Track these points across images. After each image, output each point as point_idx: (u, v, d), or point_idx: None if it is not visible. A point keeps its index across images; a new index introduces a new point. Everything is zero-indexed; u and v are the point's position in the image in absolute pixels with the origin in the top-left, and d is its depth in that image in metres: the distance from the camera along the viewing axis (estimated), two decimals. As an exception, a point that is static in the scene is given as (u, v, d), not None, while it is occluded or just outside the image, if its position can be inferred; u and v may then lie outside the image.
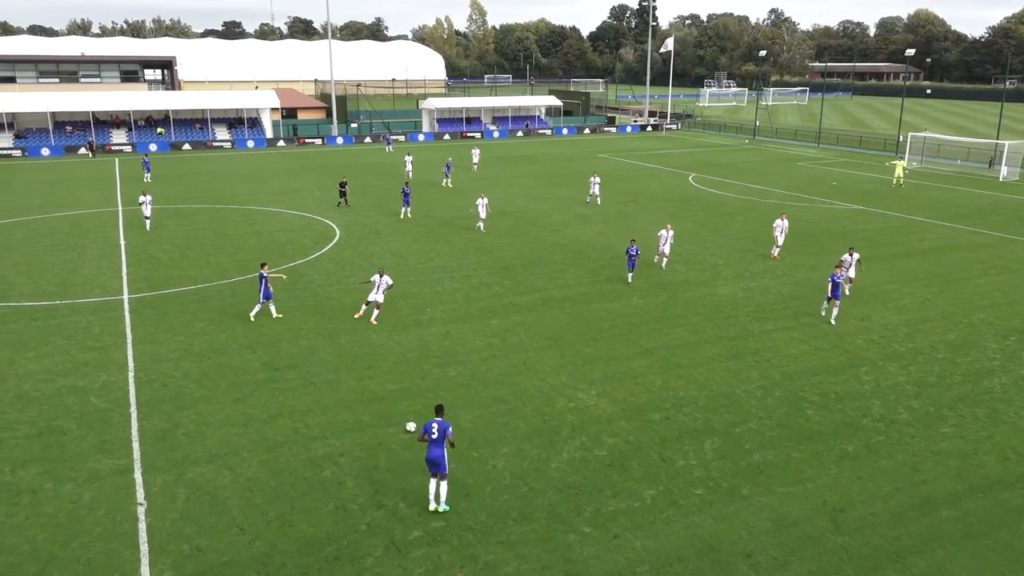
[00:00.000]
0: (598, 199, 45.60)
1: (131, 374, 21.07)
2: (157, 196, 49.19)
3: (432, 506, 14.67)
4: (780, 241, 33.45)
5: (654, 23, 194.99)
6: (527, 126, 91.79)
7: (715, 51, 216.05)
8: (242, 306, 26.73)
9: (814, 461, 16.56)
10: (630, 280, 29.24)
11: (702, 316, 25.84)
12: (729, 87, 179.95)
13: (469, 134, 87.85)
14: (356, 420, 18.46)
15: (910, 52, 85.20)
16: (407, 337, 23.89)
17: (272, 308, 25.42)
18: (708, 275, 30.73)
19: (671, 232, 31.57)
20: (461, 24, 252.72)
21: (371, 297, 25.13)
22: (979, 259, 33.27)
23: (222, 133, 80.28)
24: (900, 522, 14.41)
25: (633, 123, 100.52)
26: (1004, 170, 56.95)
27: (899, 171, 54.06)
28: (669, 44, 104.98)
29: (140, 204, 39.09)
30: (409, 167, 55.85)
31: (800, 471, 16.19)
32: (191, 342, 23.42)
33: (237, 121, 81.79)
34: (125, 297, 27.94)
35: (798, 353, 22.65)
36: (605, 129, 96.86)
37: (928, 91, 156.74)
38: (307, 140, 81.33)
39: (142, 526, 14.28)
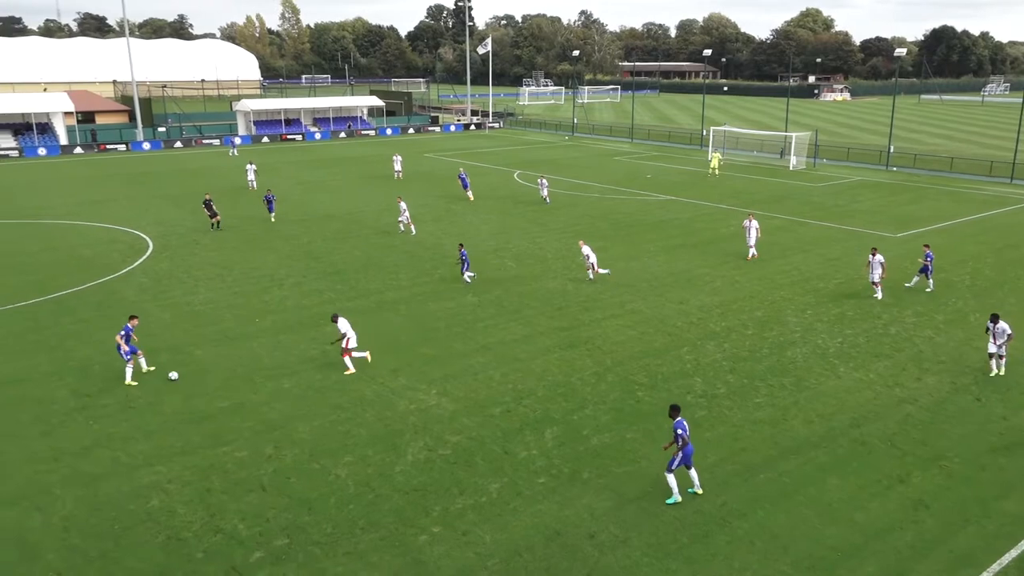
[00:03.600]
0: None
1: (-89, 415, 18.58)
2: (-69, 213, 43.69)
3: (700, 491, 15.21)
4: (752, 242, 32.90)
5: (471, 23, 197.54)
6: (350, 127, 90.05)
7: (531, 51, 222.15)
8: (43, 332, 24.32)
9: (647, 440, 17.48)
10: (468, 280, 29.39)
11: (535, 309, 26.53)
12: (547, 86, 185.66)
13: (289, 136, 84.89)
14: (184, 443, 17.34)
15: (707, 52, 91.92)
16: (236, 351, 22.74)
17: (128, 371, 20.49)
18: (538, 270, 31.59)
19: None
20: (273, 23, 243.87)
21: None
22: (777, 241, 36.47)
23: (6, 140, 72.46)
24: (725, 489, 15.55)
25: (457, 122, 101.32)
26: (793, 159, 62.80)
27: (715, 163, 58.57)
28: (487, 44, 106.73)
29: None
30: (252, 176, 50.97)
31: (635, 450, 17.04)
32: (-16, 374, 20.99)
33: (24, 127, 74.10)
34: (-103, 328, 24.59)
35: (625, 339, 23.81)
36: (429, 129, 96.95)
37: (725, 88, 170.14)
38: (109, 146, 75.09)
39: (-64, 585, 12.67)
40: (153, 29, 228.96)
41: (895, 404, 19.36)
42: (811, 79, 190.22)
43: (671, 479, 14.89)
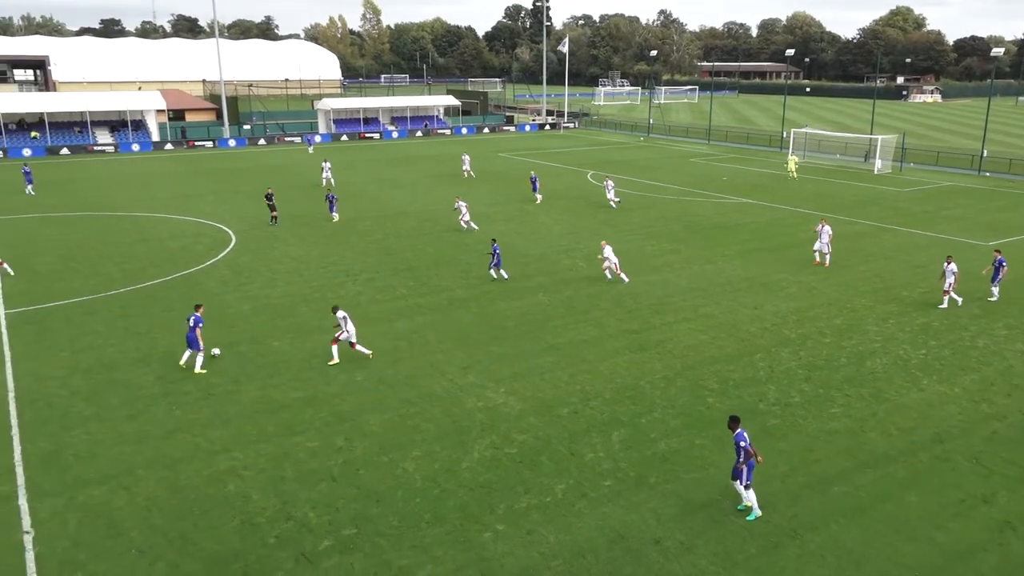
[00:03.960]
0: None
1: (11, 394, 19.74)
2: (33, 204, 46.31)
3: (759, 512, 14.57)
4: (820, 247, 32.01)
5: (548, 23, 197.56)
6: (426, 126, 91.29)
7: (608, 51, 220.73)
8: (133, 319, 25.49)
9: (716, 447, 17.17)
10: (496, 277, 29.74)
11: (605, 311, 26.38)
12: (623, 86, 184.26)
13: (367, 135, 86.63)
14: (260, 431, 17.91)
15: (790, 52, 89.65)
16: (310, 343, 23.35)
17: (199, 360, 21.19)
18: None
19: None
20: (355, 23, 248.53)
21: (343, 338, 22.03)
22: (859, 247, 35.29)
23: (104, 137, 76.19)
24: (796, 500, 15.14)
25: (531, 122, 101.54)
26: (878, 163, 60.64)
27: (792, 165, 57.24)
28: (564, 44, 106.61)
29: None
30: (328, 174, 52.05)
31: (703, 457, 16.76)
32: (77, 358, 22.14)
33: (120, 124, 77.77)
34: (1, 313, 26.15)
35: (697, 343, 23.44)
36: (504, 128, 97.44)
37: (808, 89, 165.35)
38: (197, 143, 78.17)
39: (30, 556, 13.42)
40: (241, 30, 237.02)
41: (982, 420, 18.50)
42: (900, 80, 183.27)
43: (750, 495, 14.44)
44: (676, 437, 17.62)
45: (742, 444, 14.32)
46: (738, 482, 14.54)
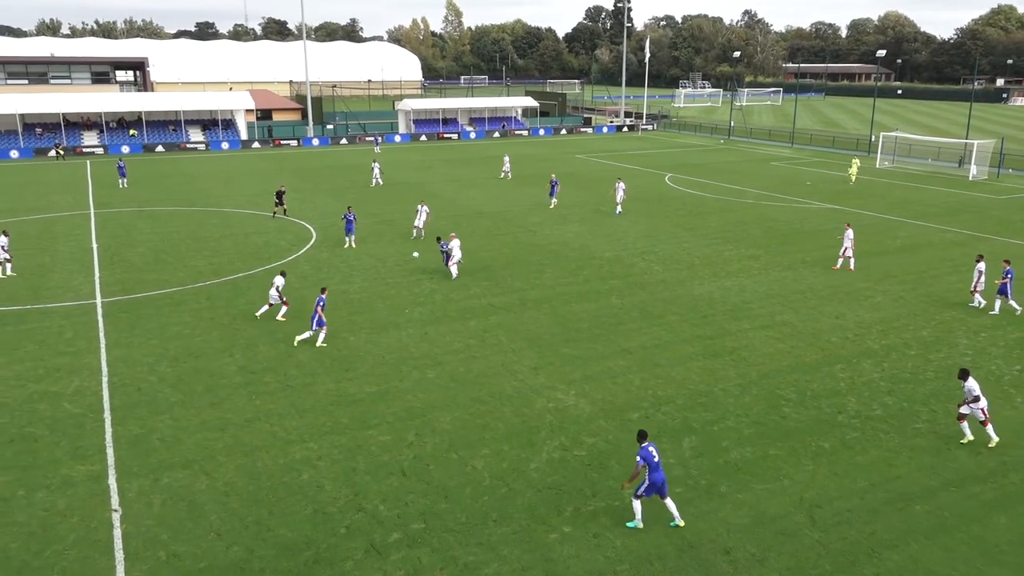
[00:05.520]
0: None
1: (105, 379, 20.78)
2: (129, 198, 48.65)
3: (681, 523, 14.24)
4: (850, 252, 31.46)
5: (629, 24, 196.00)
6: (504, 127, 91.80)
7: (690, 52, 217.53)
8: (218, 311, 26.48)
9: (791, 458, 16.71)
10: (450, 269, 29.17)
11: (679, 316, 25.99)
12: (704, 88, 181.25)
13: (445, 135, 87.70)
14: (334, 423, 18.35)
15: (881, 53, 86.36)
16: (385, 339, 23.80)
17: (321, 335, 23.23)
18: (685, 275, 30.92)
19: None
20: (437, 25, 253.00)
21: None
22: (950, 257, 33.77)
23: (196, 135, 79.45)
24: (876, 517, 14.59)
25: (609, 124, 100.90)
26: (973, 169, 57.88)
27: (853, 169, 54.87)
28: (645, 45, 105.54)
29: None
30: (377, 173, 53.55)
31: (777, 468, 16.33)
32: (166, 346, 23.15)
33: (211, 123, 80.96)
34: (98, 301, 27.56)
35: (774, 351, 22.85)
36: (581, 130, 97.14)
37: (899, 91, 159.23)
38: (282, 142, 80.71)
39: (117, 533, 14.09)
40: (327, 32, 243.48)
41: (1081, 442, 17.43)
42: (999, 82, 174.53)
43: (636, 504, 14.18)
44: (749, 446, 17.22)
45: (639, 461, 13.88)
46: (636, 500, 14.17)
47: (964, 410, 17.38)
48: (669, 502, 14.26)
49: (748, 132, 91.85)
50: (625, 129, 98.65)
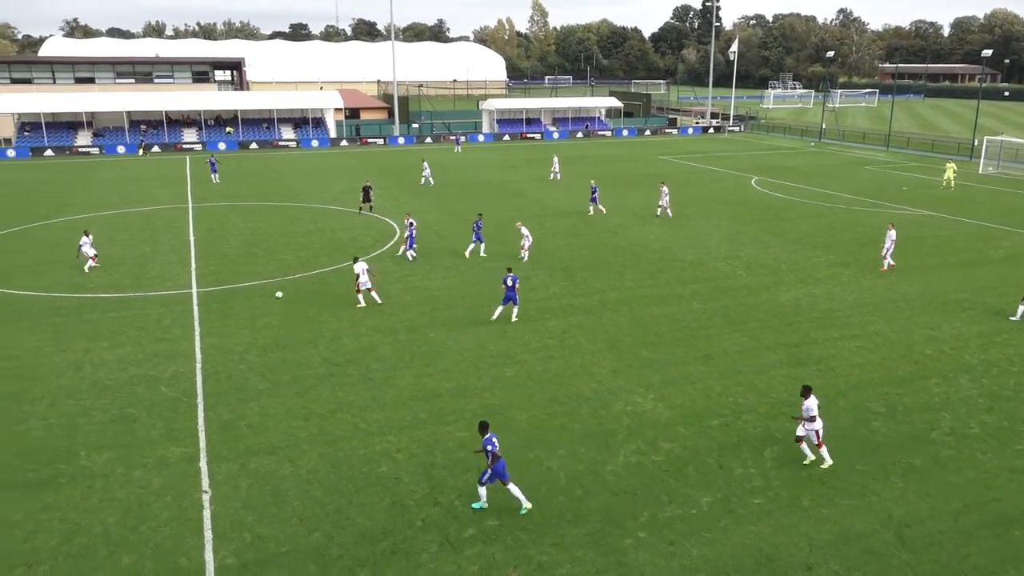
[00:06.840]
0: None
1: (198, 365, 21.72)
2: (225, 194, 50.67)
3: (529, 506, 14.79)
4: (887, 252, 31.56)
5: (718, 23, 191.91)
6: (587, 127, 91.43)
7: (780, 52, 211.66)
8: (304, 301, 27.29)
9: (879, 474, 16.08)
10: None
11: (762, 322, 25.35)
12: (794, 89, 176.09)
13: (528, 135, 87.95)
14: (413, 417, 18.67)
15: (987, 53, 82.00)
16: (465, 336, 24.05)
17: (514, 310, 25.28)
18: (770, 280, 30.14)
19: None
20: (522, 25, 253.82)
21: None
22: (1059, 269, 31.84)
23: (288, 133, 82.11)
24: (970, 540, 13.90)
25: (695, 124, 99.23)
26: (1087, 176, 54.44)
27: (949, 174, 52.38)
28: (734, 45, 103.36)
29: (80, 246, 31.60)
30: (427, 173, 53.91)
31: (864, 484, 15.74)
32: (256, 336, 24.01)
33: (302, 121, 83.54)
34: (194, 291, 28.82)
35: (863, 363, 22.03)
36: (666, 131, 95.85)
37: (1006, 93, 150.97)
38: (369, 140, 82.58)
39: (206, 513, 14.71)
40: (415, 33, 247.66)
41: None
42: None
43: (481, 490, 14.75)
44: (835, 459, 16.63)
45: (489, 448, 14.46)
46: (481, 487, 14.73)
47: (800, 431, 16.35)
48: (512, 487, 14.71)
49: (841, 134, 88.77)
50: (711, 130, 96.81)
